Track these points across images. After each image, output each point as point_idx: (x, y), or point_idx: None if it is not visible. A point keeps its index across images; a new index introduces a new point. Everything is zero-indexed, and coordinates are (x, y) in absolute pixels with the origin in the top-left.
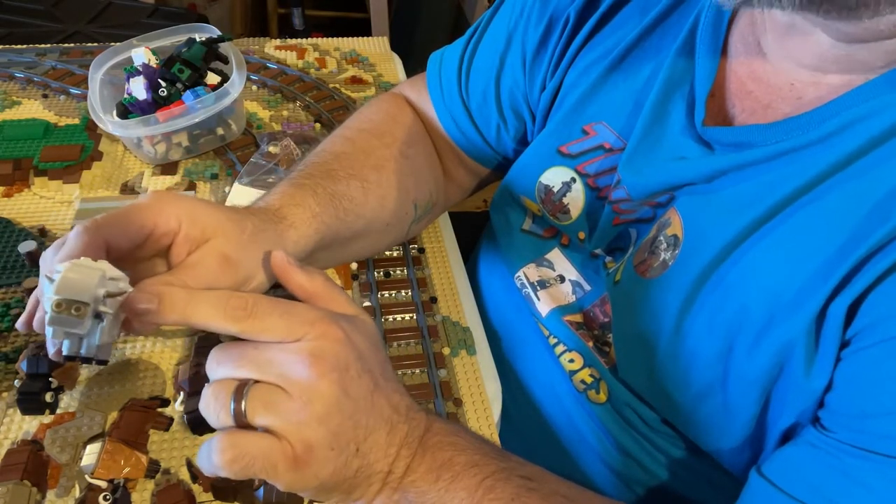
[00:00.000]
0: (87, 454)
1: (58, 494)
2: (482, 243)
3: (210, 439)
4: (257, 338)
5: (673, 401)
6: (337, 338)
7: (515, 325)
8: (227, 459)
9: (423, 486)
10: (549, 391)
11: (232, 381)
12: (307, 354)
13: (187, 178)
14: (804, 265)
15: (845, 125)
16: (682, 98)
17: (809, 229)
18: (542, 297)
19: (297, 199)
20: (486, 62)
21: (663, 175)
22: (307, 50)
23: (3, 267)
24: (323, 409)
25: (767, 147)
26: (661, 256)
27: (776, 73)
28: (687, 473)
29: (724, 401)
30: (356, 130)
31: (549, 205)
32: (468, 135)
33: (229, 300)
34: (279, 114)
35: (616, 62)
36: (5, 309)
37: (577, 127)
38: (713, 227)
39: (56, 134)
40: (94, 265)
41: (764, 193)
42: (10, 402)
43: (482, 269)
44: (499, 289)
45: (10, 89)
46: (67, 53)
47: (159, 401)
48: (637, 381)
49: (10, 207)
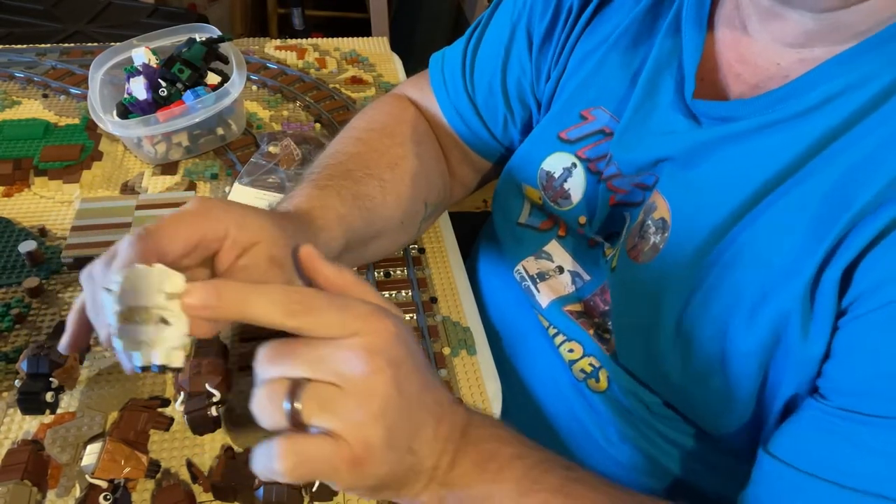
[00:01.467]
0: (88, 454)
1: (58, 494)
2: (481, 242)
3: (266, 443)
4: (312, 333)
5: (673, 383)
6: (390, 333)
7: (515, 319)
8: (290, 466)
9: (470, 480)
10: (550, 384)
11: (284, 380)
12: (362, 350)
13: (187, 178)
14: (795, 237)
15: (831, 96)
16: (671, 74)
17: (803, 206)
18: (542, 289)
19: (323, 200)
20: (490, 55)
21: (650, 148)
22: (307, 50)
23: (3, 267)
24: (379, 406)
25: (751, 119)
26: (651, 240)
27: (762, 53)
28: (689, 458)
29: (725, 379)
30: (365, 130)
31: (550, 191)
32: (474, 129)
33: (286, 294)
34: (279, 114)
35: (612, 47)
36: (5, 309)
37: (576, 112)
38: (702, 208)
39: (56, 134)
40: (150, 270)
41: (752, 171)
42: (10, 401)
43: (481, 267)
44: (498, 285)
45: (10, 89)
46: (67, 53)
47: (159, 401)
48: (637, 365)
49: (10, 207)
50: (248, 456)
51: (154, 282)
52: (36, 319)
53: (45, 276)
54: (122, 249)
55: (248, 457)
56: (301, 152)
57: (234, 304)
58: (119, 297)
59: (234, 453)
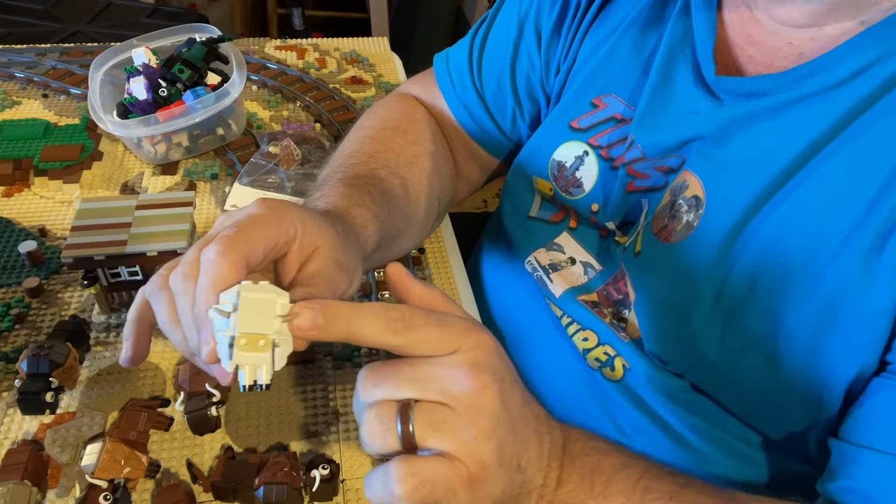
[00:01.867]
0: (88, 454)
1: (58, 494)
2: (485, 240)
3: (381, 468)
4: (414, 351)
5: (708, 363)
6: (490, 347)
7: (524, 313)
8: (409, 489)
9: (580, 495)
10: (561, 376)
11: (392, 402)
12: (467, 366)
13: (187, 178)
14: (845, 207)
15: (858, 70)
16: (687, 56)
17: (845, 174)
18: (555, 279)
19: (358, 199)
20: (498, 51)
21: (676, 129)
22: (307, 50)
23: (3, 267)
24: (490, 423)
25: (781, 94)
26: (684, 219)
27: (772, 35)
28: (705, 445)
29: (767, 355)
30: (378, 129)
31: (561, 181)
32: (483, 124)
33: (387, 312)
34: (279, 114)
35: (621, 36)
36: (5, 309)
37: (587, 101)
38: (736, 183)
39: (56, 134)
40: (266, 291)
41: (784, 144)
42: (10, 401)
43: (486, 265)
44: (506, 280)
45: (10, 89)
46: (67, 53)
47: (159, 401)
48: (666, 348)
49: (10, 207)
50: (248, 456)
51: (272, 308)
52: (36, 319)
53: (45, 276)
54: (211, 263)
55: (248, 457)
56: (301, 152)
57: (340, 325)
58: (239, 325)
59: (234, 453)
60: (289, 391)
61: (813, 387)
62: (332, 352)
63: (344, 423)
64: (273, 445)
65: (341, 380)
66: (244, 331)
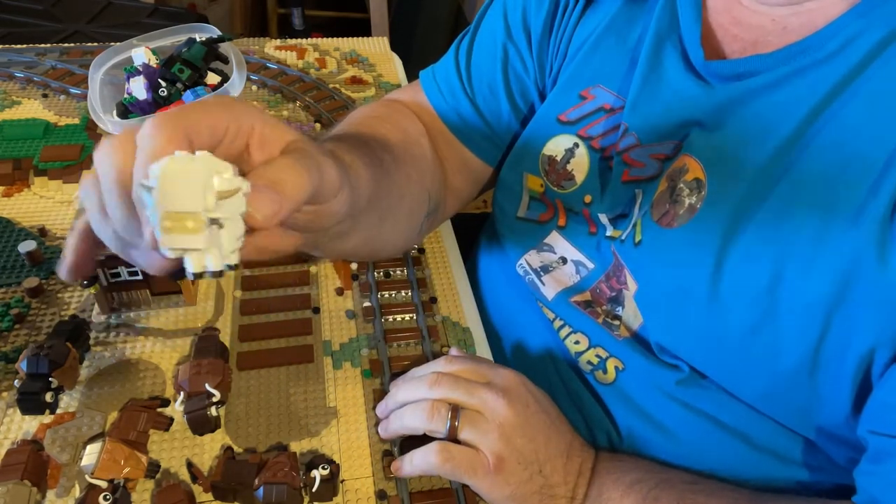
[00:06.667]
0: (87, 454)
1: (58, 494)
2: (482, 241)
3: (425, 447)
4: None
5: (714, 346)
6: (517, 380)
7: (519, 316)
8: (442, 459)
9: None
10: (555, 380)
11: (446, 401)
12: (501, 391)
13: None
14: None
15: (845, 43)
16: (674, 42)
17: (846, 140)
18: (547, 281)
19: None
20: (487, 56)
21: (670, 114)
22: (307, 50)
23: (3, 267)
24: (509, 431)
25: (770, 73)
26: (686, 202)
27: (754, 14)
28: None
29: (777, 330)
30: (366, 117)
31: (552, 175)
32: (476, 128)
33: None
34: (279, 114)
35: (607, 28)
36: (5, 309)
37: (574, 93)
38: (737, 160)
39: (56, 134)
40: (193, 160)
41: (781, 120)
42: (10, 401)
43: (483, 266)
44: (501, 282)
45: (10, 89)
46: (67, 53)
47: (159, 401)
48: (675, 335)
49: (10, 207)
50: (248, 456)
51: (200, 181)
52: (36, 319)
53: (44, 276)
54: (146, 137)
55: (248, 457)
56: None
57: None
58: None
59: (234, 453)
60: (289, 391)
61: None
62: (332, 352)
63: (344, 424)
64: (273, 445)
65: (341, 380)
66: (168, 209)
